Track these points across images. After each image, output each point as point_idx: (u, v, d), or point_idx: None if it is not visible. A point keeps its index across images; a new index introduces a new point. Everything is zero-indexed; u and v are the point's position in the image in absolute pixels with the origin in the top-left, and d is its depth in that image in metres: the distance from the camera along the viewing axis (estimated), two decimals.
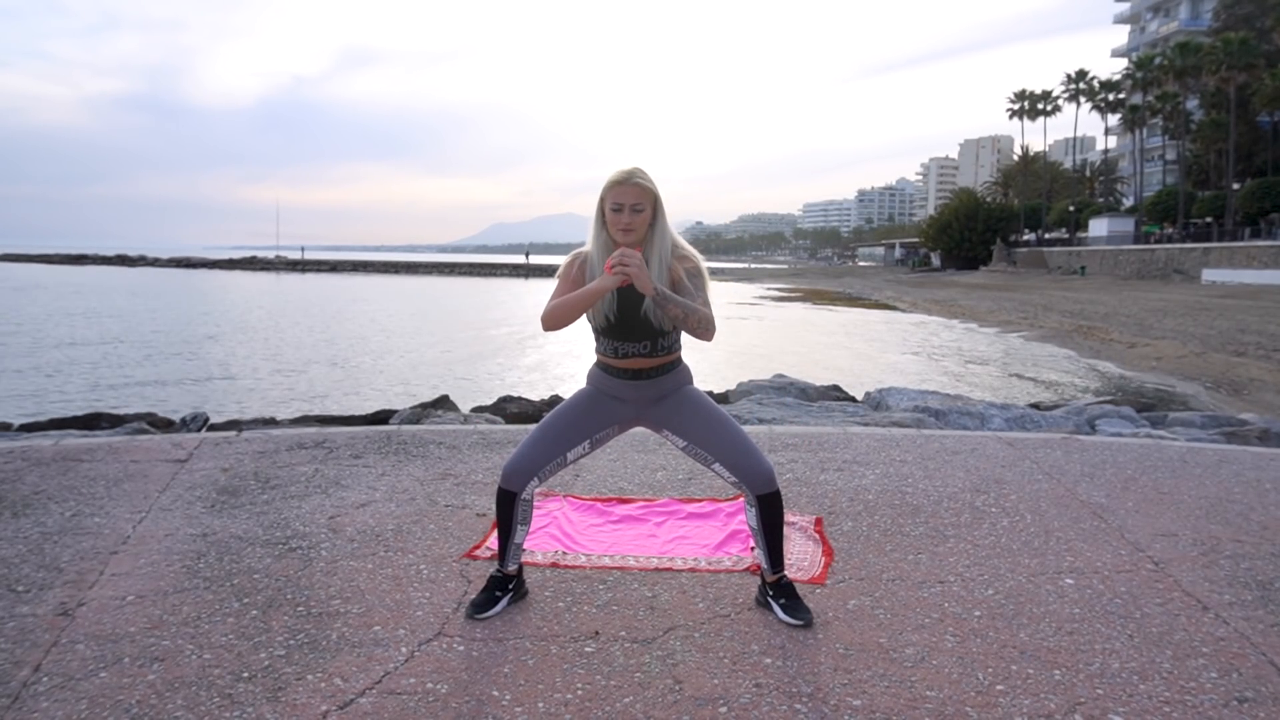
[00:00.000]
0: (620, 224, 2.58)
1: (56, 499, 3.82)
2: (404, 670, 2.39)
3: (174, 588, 2.91)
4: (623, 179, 2.58)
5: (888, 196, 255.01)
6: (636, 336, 2.66)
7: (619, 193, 2.57)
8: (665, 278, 2.60)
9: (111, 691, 2.26)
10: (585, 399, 2.79)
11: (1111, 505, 3.93)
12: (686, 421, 2.73)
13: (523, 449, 2.72)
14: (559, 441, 2.73)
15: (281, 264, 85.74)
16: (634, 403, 2.76)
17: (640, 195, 2.57)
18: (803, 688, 2.32)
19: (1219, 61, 50.53)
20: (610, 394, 2.76)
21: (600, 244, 2.65)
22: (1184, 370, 15.06)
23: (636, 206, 2.57)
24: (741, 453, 2.69)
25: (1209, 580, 3.09)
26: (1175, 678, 2.39)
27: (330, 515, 3.67)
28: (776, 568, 2.77)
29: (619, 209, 2.58)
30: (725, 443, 2.70)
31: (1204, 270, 42.66)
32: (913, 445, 5.01)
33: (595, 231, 2.66)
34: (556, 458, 2.73)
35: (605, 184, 2.61)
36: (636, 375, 2.71)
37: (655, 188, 2.60)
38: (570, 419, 2.75)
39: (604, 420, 2.77)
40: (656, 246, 2.62)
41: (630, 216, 2.57)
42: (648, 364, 2.70)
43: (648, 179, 2.60)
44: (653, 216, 2.61)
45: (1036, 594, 2.95)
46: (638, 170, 2.61)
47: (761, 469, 2.68)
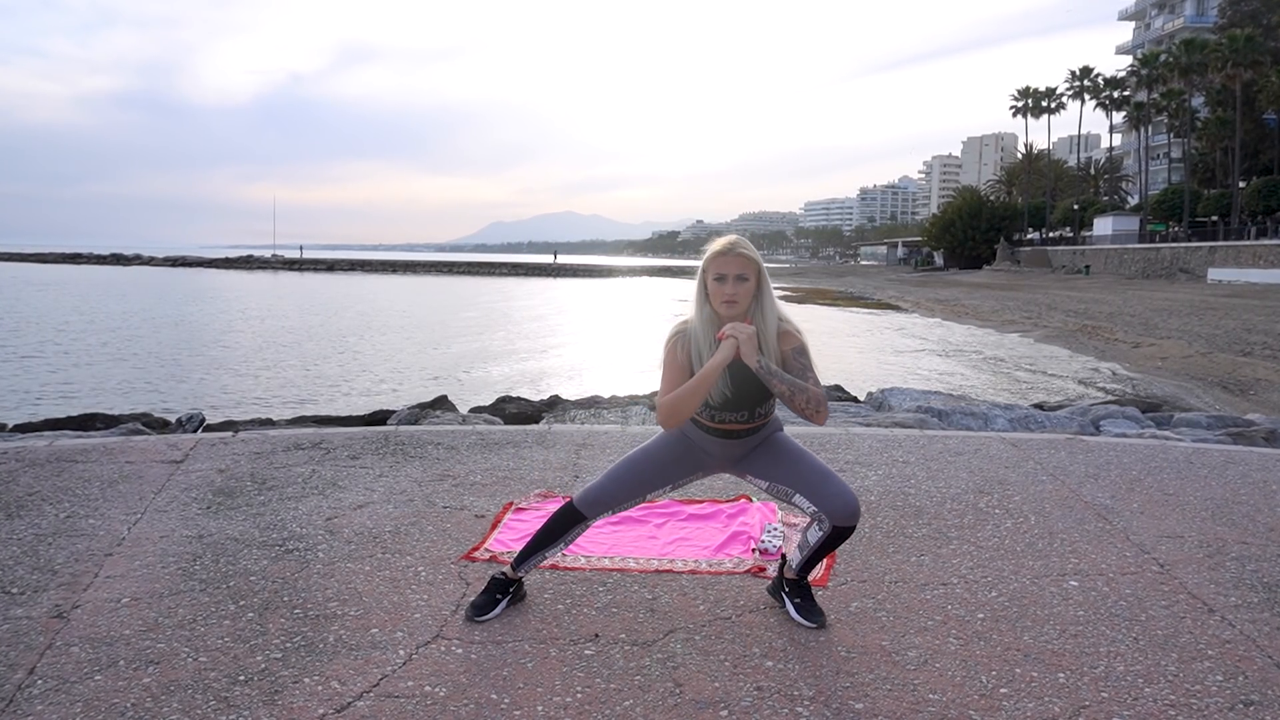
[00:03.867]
0: (724, 295, 2.52)
1: (51, 500, 3.82)
2: (402, 673, 2.39)
3: (169, 590, 2.91)
4: (726, 249, 2.53)
5: (890, 195, 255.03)
6: (738, 407, 2.62)
7: (722, 263, 2.52)
8: (774, 353, 2.54)
9: (106, 695, 2.26)
10: (676, 446, 2.74)
11: (1116, 507, 3.93)
12: (769, 464, 2.70)
13: (609, 484, 2.71)
14: (644, 485, 2.72)
15: (278, 263, 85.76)
16: (722, 457, 2.74)
17: (744, 265, 2.52)
18: (804, 690, 2.32)
19: (1225, 58, 50.54)
20: (700, 446, 2.74)
21: (704, 318, 2.57)
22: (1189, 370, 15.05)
23: (741, 276, 2.52)
24: (829, 483, 2.63)
25: (1215, 582, 3.08)
26: (1180, 681, 2.39)
27: (327, 517, 3.67)
28: (803, 574, 2.77)
29: (722, 279, 2.52)
30: (809, 476, 2.65)
31: (1209, 269, 42.67)
32: (915, 446, 5.01)
33: (698, 305, 2.59)
34: (637, 498, 2.74)
35: (706, 254, 2.56)
36: (729, 435, 2.68)
37: (759, 258, 2.56)
38: (660, 466, 2.73)
39: (691, 469, 2.76)
40: (767, 320, 2.55)
41: (735, 287, 2.51)
42: (742, 428, 2.67)
43: (751, 248, 2.56)
44: (757, 287, 2.55)
45: (1040, 596, 2.95)
46: (740, 239, 2.56)
47: (847, 500, 2.59)
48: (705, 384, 2.48)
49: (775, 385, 2.47)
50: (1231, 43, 50.35)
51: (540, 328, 26.87)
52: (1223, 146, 55.05)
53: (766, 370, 2.46)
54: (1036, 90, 74.24)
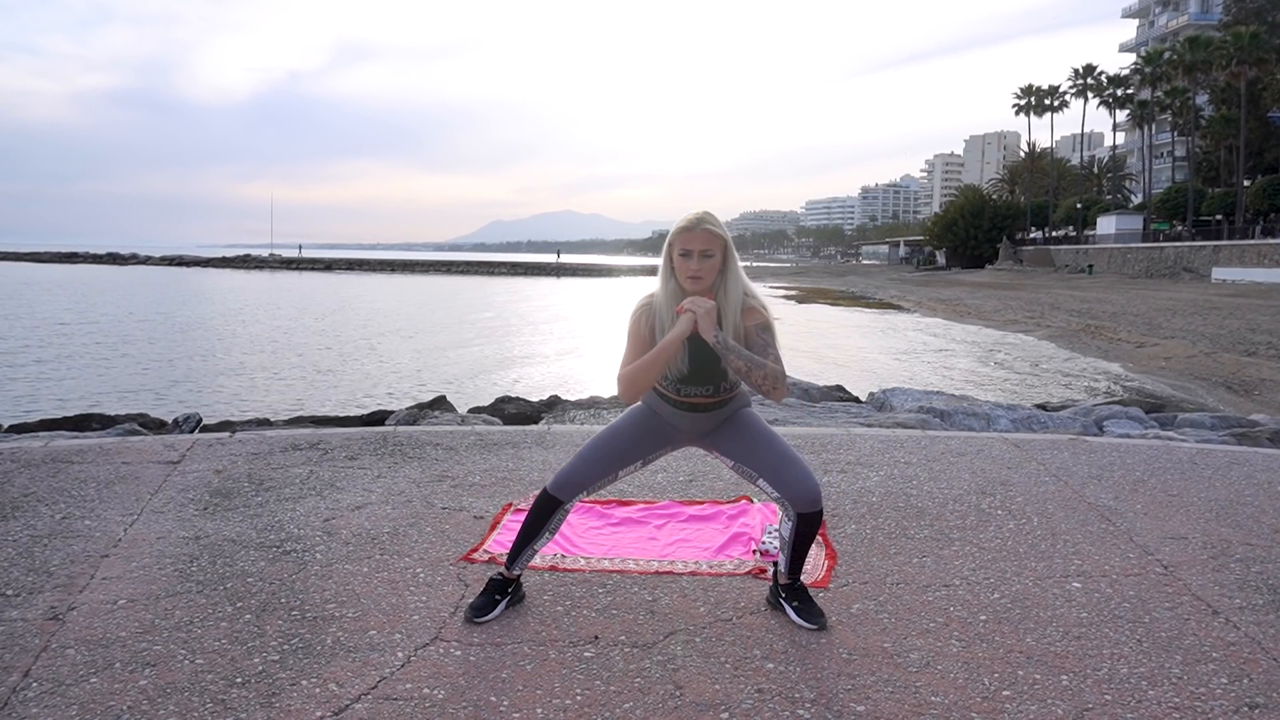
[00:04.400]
0: (689, 270, 2.53)
1: (46, 501, 3.81)
2: (400, 675, 2.39)
3: (166, 591, 2.91)
4: (691, 224, 2.53)
5: (892, 194, 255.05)
6: (702, 381, 2.65)
7: (687, 238, 2.53)
8: (737, 328, 2.56)
9: (102, 697, 2.26)
10: (644, 420, 2.77)
11: (1120, 508, 3.93)
12: (735, 442, 2.73)
13: (579, 463, 2.73)
14: (615, 461, 2.74)
15: (276, 262, 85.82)
16: (690, 431, 2.77)
17: (710, 241, 2.52)
18: (805, 693, 2.32)
19: (1229, 56, 50.54)
20: (667, 420, 2.76)
21: (669, 292, 2.59)
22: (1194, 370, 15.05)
23: (706, 252, 2.52)
24: (789, 469, 2.66)
25: (1219, 584, 3.08)
26: (1185, 683, 2.39)
27: (325, 518, 3.67)
28: (794, 575, 2.78)
29: (687, 255, 2.53)
30: (771, 460, 2.68)
31: (1214, 269, 42.67)
32: (917, 447, 5.01)
33: (663, 280, 2.61)
34: (610, 475, 2.75)
35: (673, 229, 2.57)
36: (695, 409, 2.70)
37: (725, 233, 2.57)
38: (629, 440, 2.75)
39: (660, 443, 2.78)
40: (729, 296, 2.56)
41: (699, 263, 2.52)
42: (708, 401, 2.69)
43: (717, 224, 2.56)
44: (722, 263, 2.57)
45: (1043, 598, 2.94)
46: (707, 215, 2.56)
47: (808, 486, 2.64)
48: (663, 357, 2.51)
49: (731, 360, 2.48)
50: (1236, 40, 50.33)
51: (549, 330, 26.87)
52: (1227, 145, 55.02)
53: (724, 345, 2.47)
54: (1039, 88, 74.29)
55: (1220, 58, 51.33)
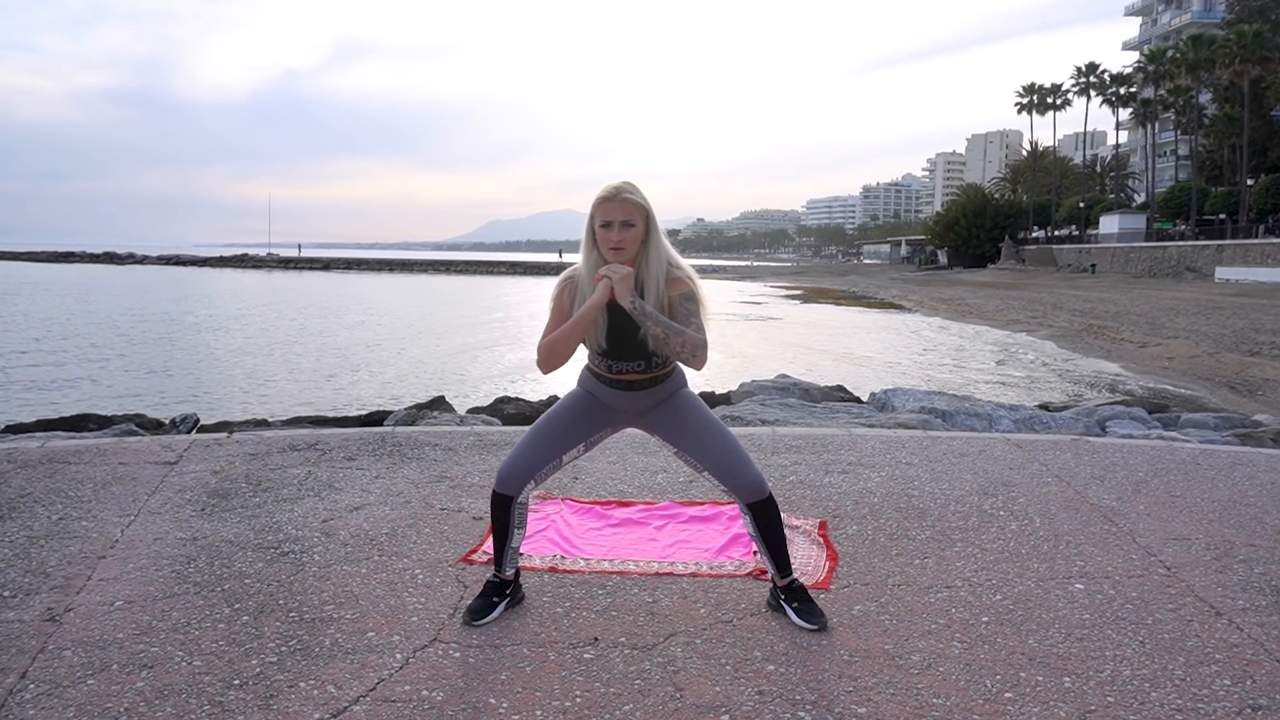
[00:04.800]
0: (610, 241, 2.52)
1: (43, 502, 3.82)
2: (399, 677, 2.39)
3: (163, 593, 2.91)
4: (611, 194, 2.52)
5: (893, 193, 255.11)
6: (631, 356, 2.64)
7: (608, 209, 2.52)
8: (661, 298, 2.55)
9: (99, 699, 2.26)
10: (579, 402, 2.78)
11: (1122, 508, 3.93)
12: (676, 429, 2.74)
13: (519, 453, 2.72)
14: (555, 445, 2.73)
15: (273, 261, 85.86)
16: (626, 411, 2.77)
17: (630, 210, 2.51)
18: (806, 695, 2.32)
19: (1233, 54, 50.52)
20: (603, 400, 2.76)
21: (590, 264, 2.59)
22: (1197, 370, 15.05)
23: (627, 222, 2.51)
24: (728, 462, 2.68)
25: (1222, 585, 3.09)
26: (1188, 685, 2.39)
27: (323, 519, 3.67)
28: (784, 572, 2.78)
29: (608, 225, 2.52)
30: (713, 451, 2.70)
31: (1217, 268, 42.67)
32: (919, 447, 5.02)
33: (585, 252, 2.61)
34: (553, 460, 2.74)
35: (594, 200, 2.56)
36: (630, 386, 2.70)
37: (647, 202, 2.55)
38: (566, 422, 2.75)
39: (599, 423, 2.78)
40: (650, 264, 2.56)
41: (620, 233, 2.51)
42: (641, 378, 2.69)
43: (638, 193, 2.55)
44: (645, 233, 2.56)
45: (1046, 599, 2.95)
46: (627, 184, 2.55)
47: (748, 477, 2.67)
48: (581, 324, 2.51)
49: (649, 326, 2.48)
50: (1240, 38, 50.31)
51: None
52: (1230, 144, 55.02)
53: (640, 311, 2.47)
54: (1042, 87, 74.27)
55: (1223, 56, 51.31)
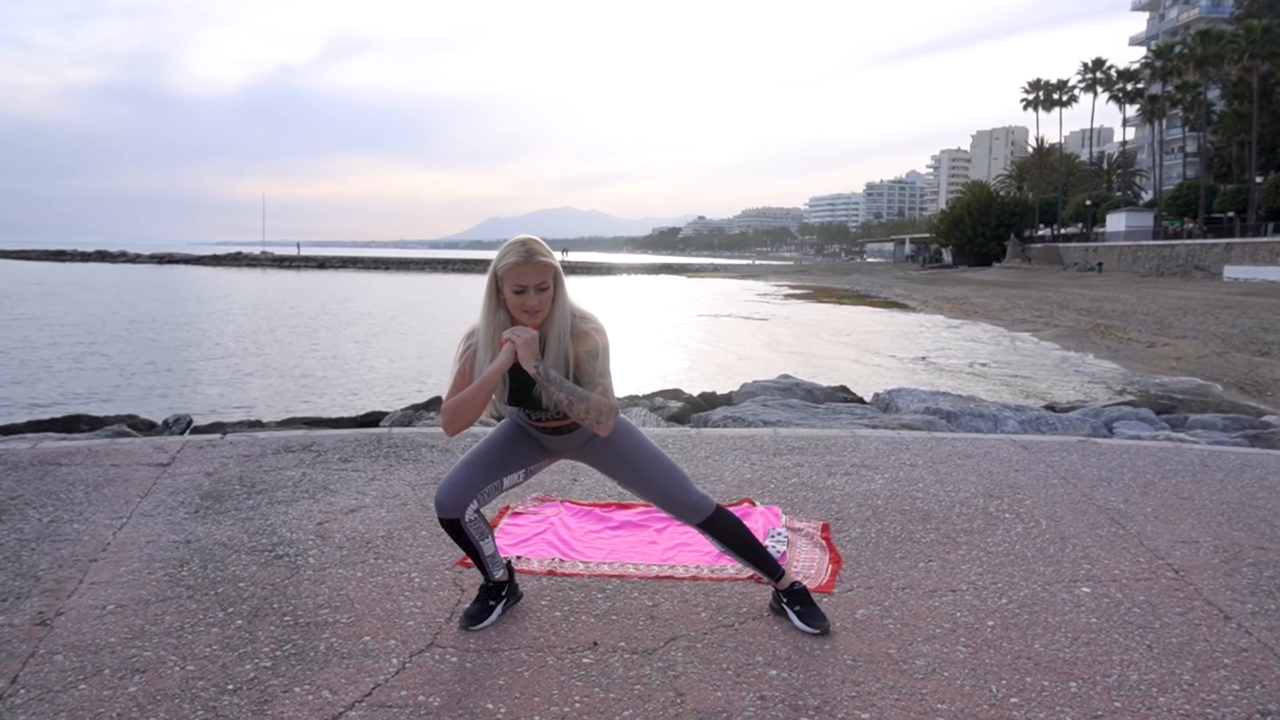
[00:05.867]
0: (525, 306, 2.43)
1: (34, 504, 3.82)
2: (395, 682, 2.39)
3: (156, 596, 2.91)
4: (524, 258, 2.41)
5: (897, 190, 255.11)
6: (544, 406, 2.58)
7: (521, 273, 2.40)
8: (565, 355, 2.50)
9: (91, 704, 2.26)
10: (517, 432, 2.75)
11: (1130, 511, 3.93)
12: (612, 464, 2.74)
13: (457, 473, 2.65)
14: (495, 469, 2.69)
15: (268, 260, 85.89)
16: (561, 449, 2.76)
17: (543, 273, 2.42)
18: (809, 700, 2.32)
19: (1241, 50, 50.53)
20: (535, 438, 2.75)
21: (495, 326, 2.49)
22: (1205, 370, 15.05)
23: (540, 285, 2.43)
24: (667, 492, 2.69)
25: (1231, 589, 3.09)
26: (1196, 690, 2.39)
27: (318, 521, 3.67)
28: (775, 576, 2.78)
29: (522, 291, 2.42)
30: (649, 483, 2.70)
31: (1226, 267, 42.67)
32: (923, 448, 5.02)
33: (488, 313, 2.49)
34: (493, 482, 2.69)
35: (499, 263, 2.44)
36: (554, 432, 2.69)
37: (555, 260, 2.47)
38: (506, 449, 2.73)
39: (538, 454, 2.77)
40: (555, 325, 2.49)
41: (536, 297, 2.43)
42: (562, 424, 2.66)
43: (548, 253, 2.45)
44: (554, 292, 2.47)
45: (1052, 603, 2.95)
46: (536, 244, 2.45)
47: (690, 501, 2.69)
48: (484, 391, 2.45)
49: (552, 392, 2.45)
50: (1248, 33, 50.33)
51: None
52: (1239, 140, 55.04)
53: (544, 377, 2.44)
54: (1048, 83, 74.29)
55: (1232, 51, 51.33)
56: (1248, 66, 50.38)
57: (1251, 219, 48.80)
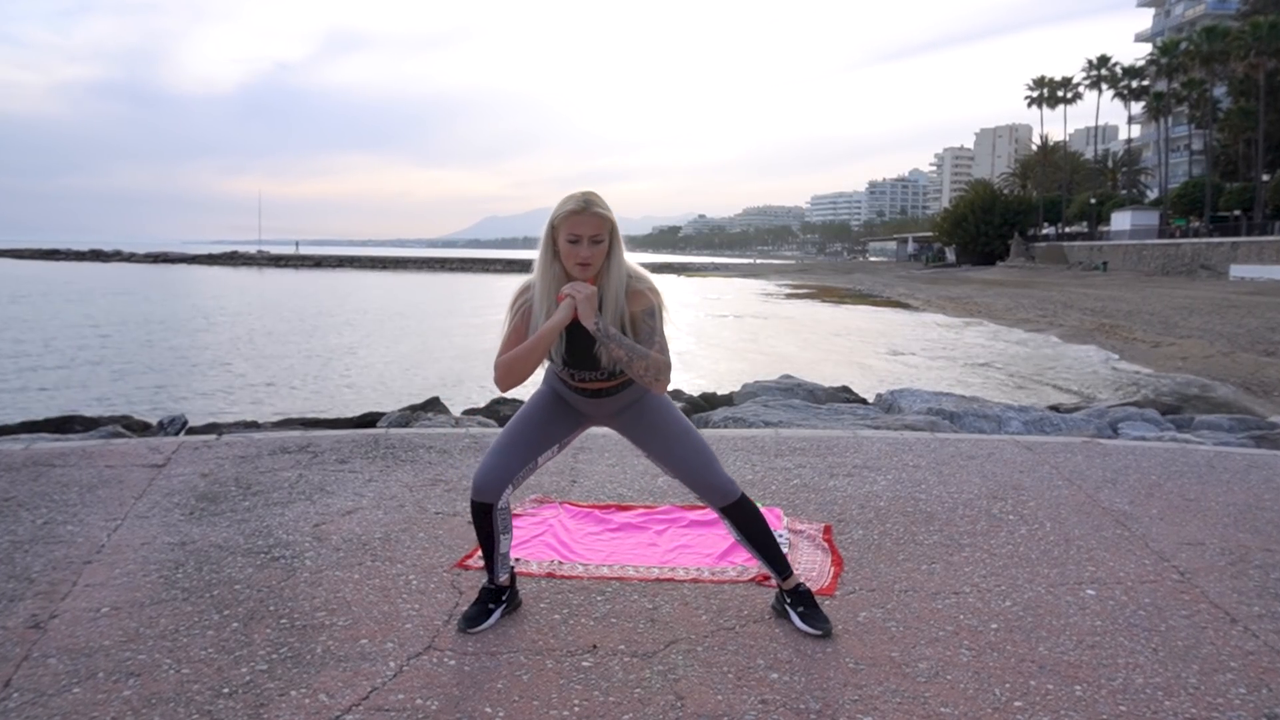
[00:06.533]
0: (578, 257, 2.47)
1: (27, 506, 3.82)
2: (392, 685, 2.39)
3: (151, 599, 2.91)
4: (580, 207, 2.45)
5: (900, 188, 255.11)
6: (593, 366, 2.61)
7: (576, 223, 2.45)
8: (621, 314, 2.52)
9: (85, 708, 2.26)
10: (550, 403, 2.77)
11: (1135, 512, 3.93)
12: (645, 434, 2.74)
13: (493, 458, 2.70)
14: (530, 448, 2.72)
15: (263, 259, 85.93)
16: (595, 414, 2.77)
17: (599, 225, 2.46)
18: (811, 704, 2.32)
19: (1247, 47, 50.54)
20: (572, 404, 2.76)
21: (551, 278, 2.52)
22: (1211, 371, 15.05)
23: (596, 238, 2.46)
24: (696, 469, 2.69)
25: (1237, 591, 3.09)
26: (1202, 693, 2.39)
27: (315, 523, 3.67)
28: (784, 574, 2.78)
29: (576, 241, 2.46)
30: (680, 458, 2.70)
31: (1232, 266, 42.68)
32: (926, 449, 5.02)
33: (544, 266, 2.53)
34: (529, 463, 2.73)
35: (557, 212, 2.48)
36: (595, 394, 2.70)
37: (613, 215, 2.51)
38: (538, 424, 2.75)
39: (571, 424, 2.78)
40: (612, 281, 2.52)
41: (589, 249, 2.46)
42: (605, 385, 2.68)
43: (606, 206, 2.49)
44: (609, 247, 2.51)
45: (1056, 606, 2.95)
46: (595, 196, 2.48)
47: (716, 481, 2.68)
48: (541, 346, 2.48)
49: (612, 349, 2.46)
50: (1255, 30, 50.33)
51: None
52: (1245, 138, 55.03)
53: (604, 333, 2.46)
54: (1052, 80, 74.29)
55: (1238, 48, 51.33)
56: (1254, 63, 50.37)
57: (1258, 217, 48.80)
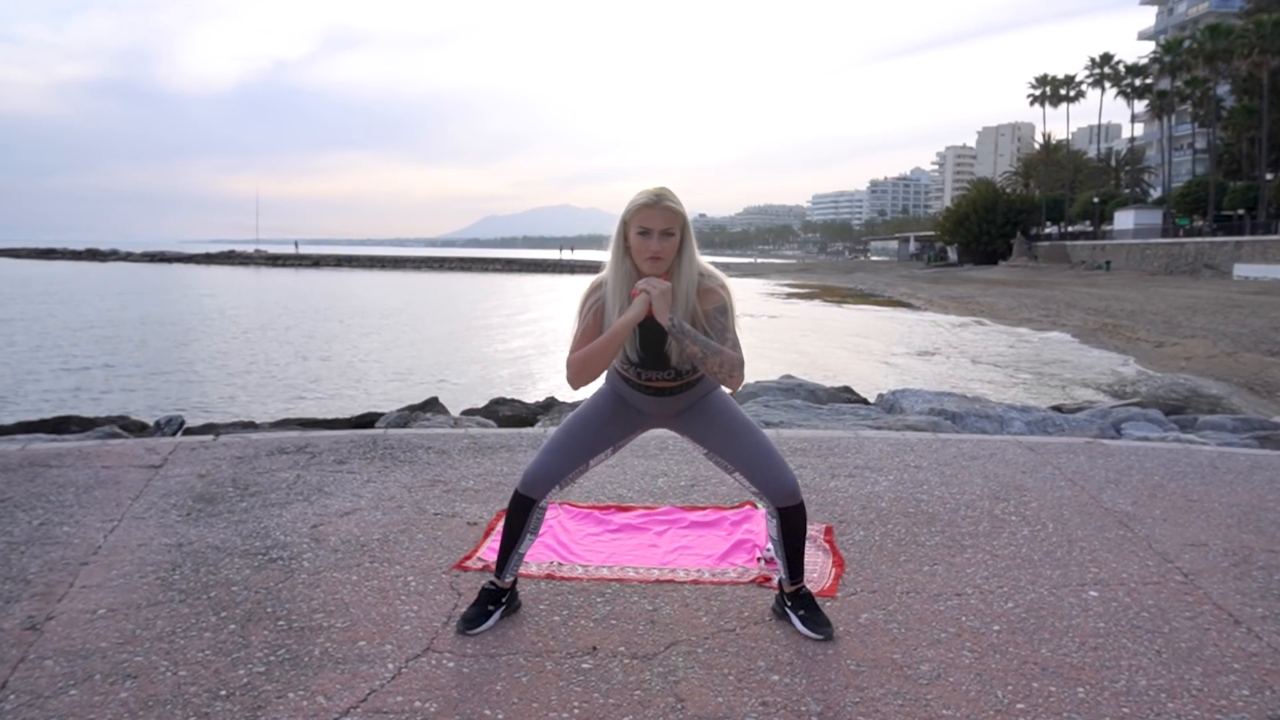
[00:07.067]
0: (649, 251, 2.48)
1: (24, 507, 3.82)
2: (390, 688, 2.39)
3: (148, 601, 2.91)
4: (652, 200, 2.48)
5: (901, 187, 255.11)
6: (662, 364, 2.62)
7: (647, 216, 2.48)
8: (692, 310, 2.53)
9: (82, 710, 2.26)
10: (609, 404, 2.77)
11: (1138, 513, 3.94)
12: (706, 430, 2.73)
13: (547, 456, 2.72)
14: (584, 449, 2.74)
15: (261, 258, 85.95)
16: (657, 415, 2.77)
17: (671, 219, 2.48)
18: (812, 706, 2.32)
19: (1251, 45, 50.52)
20: (632, 404, 2.76)
21: (623, 273, 2.54)
22: (1214, 371, 15.05)
23: (667, 231, 2.48)
24: (762, 463, 2.67)
25: (1241, 593, 3.09)
26: (1205, 696, 2.40)
27: (313, 524, 3.67)
28: (795, 578, 2.78)
29: (647, 233, 2.48)
30: (745, 452, 2.69)
31: (1235, 265, 42.68)
32: (928, 450, 5.02)
33: (615, 261, 2.55)
34: (580, 465, 2.75)
35: (630, 206, 2.51)
36: (660, 393, 2.70)
37: (685, 210, 2.53)
38: (595, 426, 2.75)
39: (629, 427, 2.79)
40: (684, 277, 2.53)
41: (660, 242, 2.48)
42: (672, 384, 2.68)
43: (678, 201, 2.51)
44: (680, 242, 2.53)
45: (1059, 607, 2.95)
46: (667, 190, 2.51)
47: (783, 481, 2.66)
48: (615, 342, 2.49)
49: (687, 345, 2.47)
50: (1259, 28, 50.31)
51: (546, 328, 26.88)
52: (1249, 136, 55.02)
53: (679, 329, 2.46)
54: (1055, 78, 74.28)
55: (1242, 46, 51.32)
56: (1258, 61, 50.35)
57: (1262, 216, 48.78)
